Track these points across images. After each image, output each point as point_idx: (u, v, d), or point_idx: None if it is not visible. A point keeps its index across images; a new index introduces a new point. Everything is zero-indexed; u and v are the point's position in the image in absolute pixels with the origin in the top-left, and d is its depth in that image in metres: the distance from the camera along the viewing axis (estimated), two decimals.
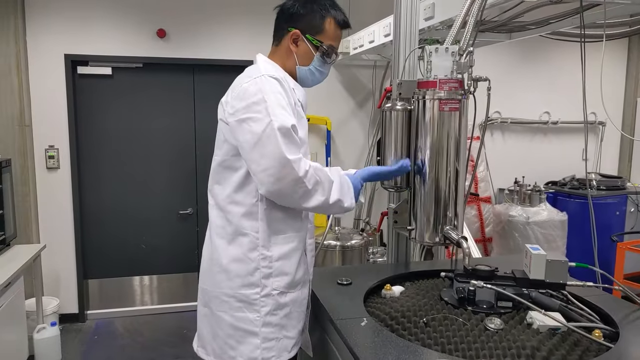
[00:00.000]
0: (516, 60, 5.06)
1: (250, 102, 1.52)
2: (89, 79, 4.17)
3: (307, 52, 1.71)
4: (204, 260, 1.74)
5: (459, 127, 2.05)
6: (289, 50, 1.71)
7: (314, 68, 1.74)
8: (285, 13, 1.71)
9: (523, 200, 4.56)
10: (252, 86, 1.54)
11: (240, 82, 1.60)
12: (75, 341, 3.95)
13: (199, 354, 1.75)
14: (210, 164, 1.73)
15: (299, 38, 1.69)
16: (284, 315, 1.64)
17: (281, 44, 1.73)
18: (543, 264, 1.60)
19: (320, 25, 1.69)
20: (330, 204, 1.58)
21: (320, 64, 1.74)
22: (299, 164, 1.49)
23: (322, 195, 1.55)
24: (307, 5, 1.69)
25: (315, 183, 1.53)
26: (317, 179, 1.54)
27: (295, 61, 1.71)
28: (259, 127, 1.49)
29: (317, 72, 1.75)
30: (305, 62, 1.72)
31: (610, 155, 5.50)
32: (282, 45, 1.72)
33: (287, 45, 1.71)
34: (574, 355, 1.38)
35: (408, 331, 1.52)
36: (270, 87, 1.54)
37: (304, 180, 1.50)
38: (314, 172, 1.54)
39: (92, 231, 4.31)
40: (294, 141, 1.51)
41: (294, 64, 1.72)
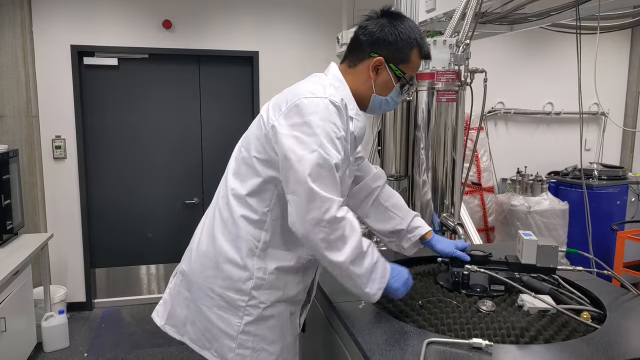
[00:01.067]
0: (520, 52, 5.07)
1: (303, 120, 1.42)
2: (95, 70, 4.23)
3: (387, 82, 1.59)
4: (194, 246, 1.67)
5: (456, 118, 2.11)
6: (366, 76, 1.58)
7: (390, 99, 1.63)
8: (371, 36, 1.56)
9: (525, 190, 4.60)
10: (312, 106, 1.43)
11: (301, 93, 1.47)
12: (83, 329, 4.04)
13: (167, 331, 1.70)
14: (216, 154, 1.68)
15: (381, 66, 1.56)
16: (267, 327, 1.57)
17: (358, 67, 1.59)
18: (534, 249, 1.65)
19: (406, 55, 1.57)
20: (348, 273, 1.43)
21: (397, 95, 1.63)
22: (329, 204, 1.38)
23: (340, 257, 1.40)
24: (396, 32, 1.54)
25: (339, 238, 1.40)
26: (342, 235, 1.40)
27: (372, 89, 1.59)
28: (302, 150, 1.40)
29: (392, 102, 1.64)
30: (383, 91, 1.60)
31: (613, 145, 5.52)
32: (359, 69, 1.59)
33: (365, 70, 1.58)
34: (561, 335, 1.44)
35: (404, 313, 1.59)
36: (328, 115, 1.43)
37: (328, 224, 1.38)
38: (346, 226, 1.41)
39: (99, 220, 4.39)
40: (332, 179, 1.41)
41: (369, 92, 1.59)
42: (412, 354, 1.29)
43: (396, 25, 1.55)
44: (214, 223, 1.62)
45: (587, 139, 5.39)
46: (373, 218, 1.87)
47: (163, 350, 3.69)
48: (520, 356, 1.30)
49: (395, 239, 1.87)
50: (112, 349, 3.71)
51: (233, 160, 1.64)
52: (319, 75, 1.60)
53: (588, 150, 5.42)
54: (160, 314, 1.74)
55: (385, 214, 1.84)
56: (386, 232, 1.86)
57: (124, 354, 3.63)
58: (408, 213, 1.85)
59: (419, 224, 1.84)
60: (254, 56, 4.41)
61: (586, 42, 2.48)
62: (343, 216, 1.41)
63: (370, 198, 1.86)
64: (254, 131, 1.57)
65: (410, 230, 1.82)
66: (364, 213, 1.88)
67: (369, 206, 1.86)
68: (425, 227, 1.83)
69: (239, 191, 1.55)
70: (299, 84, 1.55)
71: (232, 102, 4.51)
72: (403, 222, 1.83)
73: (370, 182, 1.85)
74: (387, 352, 1.31)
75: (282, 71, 4.44)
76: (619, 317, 1.53)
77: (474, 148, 2.57)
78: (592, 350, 1.33)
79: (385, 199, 1.86)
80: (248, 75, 4.50)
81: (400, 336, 1.40)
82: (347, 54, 1.63)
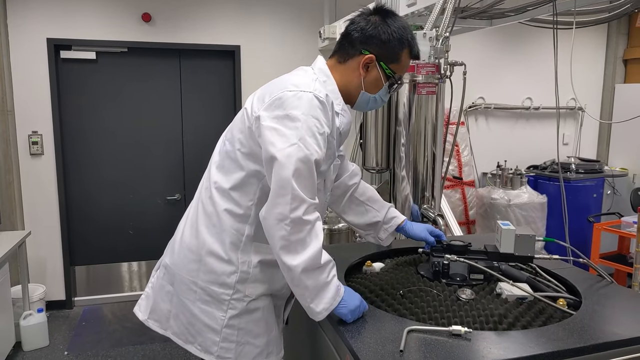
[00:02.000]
0: (500, 48, 5.14)
1: (285, 113, 1.40)
2: (73, 64, 4.16)
3: (376, 80, 1.58)
4: (178, 240, 1.66)
5: (436, 112, 2.13)
6: (356, 73, 1.57)
7: (379, 97, 1.63)
8: (363, 33, 1.54)
9: (505, 184, 4.67)
10: (295, 100, 1.41)
11: (285, 86, 1.46)
12: (63, 327, 3.98)
13: (149, 325, 1.69)
14: (197, 149, 1.68)
15: (372, 64, 1.56)
16: (252, 320, 1.56)
17: (348, 63, 1.58)
18: (512, 238, 1.68)
19: (397, 55, 1.56)
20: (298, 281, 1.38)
21: (385, 94, 1.63)
22: (298, 203, 1.36)
23: (294, 260, 1.36)
24: (389, 31, 1.53)
25: (299, 241, 1.36)
26: (303, 239, 1.37)
27: (361, 86, 1.58)
28: (282, 143, 1.38)
29: (379, 101, 1.64)
30: (371, 89, 1.60)
31: (590, 139, 5.63)
32: (349, 65, 1.58)
33: (355, 67, 1.56)
34: (538, 322, 1.47)
35: (385, 302, 1.60)
36: (311, 110, 1.41)
37: (291, 223, 1.35)
38: (309, 231, 1.37)
39: (78, 218, 4.33)
40: (310, 178, 1.39)
41: (358, 88, 1.59)
42: (393, 342, 1.31)
43: (389, 24, 1.54)
44: (197, 216, 1.61)
45: (565, 133, 5.49)
46: (350, 213, 1.91)
47: (145, 347, 3.66)
48: (498, 342, 1.33)
49: (372, 231, 1.92)
50: (93, 346, 3.67)
51: (217, 153, 1.63)
52: (305, 69, 1.59)
53: (566, 144, 5.52)
54: (142, 308, 1.73)
55: (361, 207, 1.89)
56: (363, 226, 1.91)
57: (106, 352, 3.59)
58: (383, 205, 1.90)
59: (394, 214, 1.90)
60: (236, 50, 4.39)
61: (563, 38, 2.52)
62: (309, 220, 1.38)
63: (345, 195, 1.89)
64: (237, 124, 1.56)
65: (386, 222, 1.88)
66: (341, 209, 1.92)
67: (344, 201, 1.90)
68: (400, 217, 1.89)
69: (223, 185, 1.54)
70: (285, 77, 1.54)
71: (213, 97, 4.48)
72: (379, 214, 1.88)
73: (347, 180, 1.88)
74: (368, 340, 1.33)
75: (264, 66, 4.42)
76: (593, 304, 1.57)
77: (453, 141, 2.60)
78: (567, 334, 1.36)
79: (360, 193, 1.90)
80: (230, 70, 4.47)
81: (382, 324, 1.42)
82: (337, 49, 1.61)
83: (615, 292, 1.70)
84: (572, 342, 1.33)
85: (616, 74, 5.45)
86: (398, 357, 1.24)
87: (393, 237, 1.93)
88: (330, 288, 1.41)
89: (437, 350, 1.27)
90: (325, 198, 1.67)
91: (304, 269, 1.37)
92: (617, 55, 5.43)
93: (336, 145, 1.58)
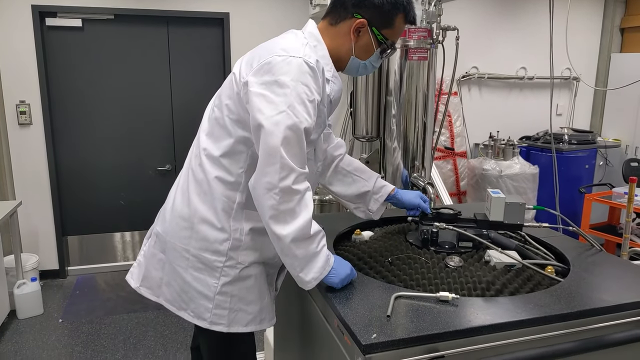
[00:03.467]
0: (494, 16, 5.05)
1: (274, 79, 1.37)
2: (59, 32, 4.05)
3: (367, 46, 1.53)
4: (169, 208, 1.64)
5: (428, 80, 2.10)
6: (347, 37, 1.51)
7: (369, 63, 1.57)
8: None
9: (497, 155, 4.66)
10: (284, 65, 1.37)
11: (274, 51, 1.41)
12: (57, 296, 4.00)
13: (142, 292, 1.69)
14: (187, 119, 1.63)
15: (364, 28, 1.50)
16: (246, 287, 1.55)
17: (339, 26, 1.52)
18: (502, 207, 1.68)
19: (391, 20, 1.50)
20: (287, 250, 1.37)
21: (377, 60, 1.58)
22: (287, 172, 1.34)
23: (283, 230, 1.35)
24: None
25: (288, 211, 1.35)
26: (292, 208, 1.35)
27: (352, 51, 1.53)
28: (270, 110, 1.35)
29: (370, 67, 1.59)
30: (362, 55, 1.54)
31: (584, 110, 5.61)
32: (340, 29, 1.52)
33: (346, 31, 1.51)
34: (525, 288, 1.48)
35: (374, 270, 1.61)
36: (301, 76, 1.37)
37: (280, 192, 1.33)
38: (299, 201, 1.36)
39: (70, 188, 4.29)
40: (299, 146, 1.37)
41: (349, 53, 1.53)
42: (380, 308, 1.32)
43: None
44: (188, 184, 1.59)
45: (559, 104, 5.46)
46: (337, 184, 1.86)
47: (139, 315, 3.69)
48: (485, 308, 1.34)
49: (362, 203, 1.86)
50: (87, 314, 3.70)
51: (206, 119, 1.60)
52: (296, 32, 1.54)
53: (560, 115, 5.50)
54: (134, 276, 1.73)
55: (349, 177, 1.84)
56: (352, 197, 1.86)
57: (100, 319, 3.62)
58: (371, 175, 1.85)
59: (383, 183, 1.85)
60: (225, 18, 4.29)
61: (559, 5, 2.48)
62: (299, 189, 1.36)
63: (330, 166, 1.86)
64: (226, 90, 1.53)
65: (376, 191, 1.83)
66: (327, 180, 1.88)
67: (330, 172, 1.86)
68: (390, 186, 1.85)
69: (213, 152, 1.52)
70: (274, 41, 1.50)
71: (203, 65, 4.40)
72: (367, 183, 1.83)
73: (332, 150, 1.85)
74: (356, 306, 1.33)
75: (254, 33, 4.33)
76: (581, 271, 1.58)
77: (444, 111, 2.57)
78: (554, 300, 1.38)
79: (346, 164, 1.86)
80: (219, 38, 4.38)
81: (370, 291, 1.42)
82: (329, 10, 1.55)
83: (604, 259, 1.71)
84: (559, 308, 1.34)
85: (613, 43, 5.39)
86: (385, 322, 1.25)
87: (384, 208, 1.87)
88: (320, 258, 1.41)
89: (424, 316, 1.28)
90: (316, 167, 1.65)
91: (294, 239, 1.36)
92: (614, 24, 5.36)
93: (327, 114, 1.55)
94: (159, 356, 3.17)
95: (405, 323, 1.25)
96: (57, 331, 3.46)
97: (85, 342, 3.32)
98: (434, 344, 1.22)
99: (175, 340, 3.35)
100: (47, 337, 3.38)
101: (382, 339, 1.17)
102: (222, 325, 1.54)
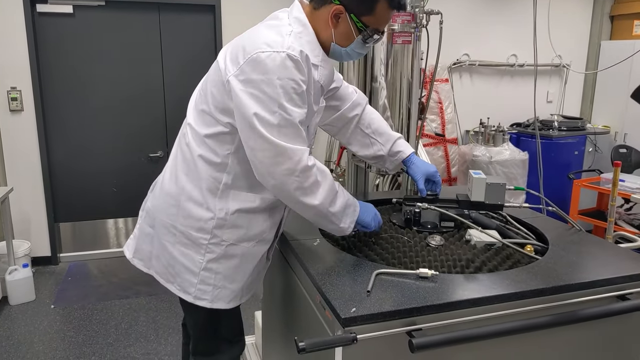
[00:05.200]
0: (486, 3, 5.05)
1: (260, 78, 1.37)
2: (50, 18, 4.03)
3: (347, 33, 1.49)
4: (159, 184, 1.68)
5: (412, 65, 2.11)
6: (327, 23, 1.48)
7: (351, 50, 1.54)
8: None
9: (487, 141, 4.70)
10: (269, 62, 1.37)
11: (258, 46, 1.40)
12: (49, 283, 4.02)
13: (135, 264, 1.74)
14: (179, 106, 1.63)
15: (342, 15, 1.46)
16: (231, 266, 1.58)
17: (320, 11, 1.48)
18: (483, 187, 1.71)
19: (370, 6, 1.45)
20: (325, 213, 1.49)
21: (360, 47, 1.53)
22: (300, 155, 1.41)
23: (315, 200, 1.45)
24: None
25: (313, 184, 1.45)
26: (315, 180, 1.45)
27: (332, 37, 1.50)
28: (262, 111, 1.37)
29: (355, 54, 1.57)
30: (342, 42, 1.51)
31: (574, 97, 5.64)
32: (321, 14, 1.48)
33: (326, 16, 1.47)
34: (504, 266, 1.52)
35: (357, 249, 1.64)
36: (286, 72, 1.37)
37: (301, 173, 1.41)
38: (317, 172, 1.45)
39: (61, 174, 4.30)
40: (297, 133, 1.42)
41: (329, 39, 1.50)
42: (361, 284, 1.35)
43: None
44: (176, 163, 1.62)
45: (549, 91, 5.49)
46: (355, 144, 1.89)
47: (131, 301, 3.72)
48: (464, 284, 1.37)
49: (379, 162, 1.90)
50: (79, 300, 3.72)
51: (193, 101, 1.62)
52: (280, 18, 1.51)
53: (550, 102, 5.53)
54: (130, 247, 1.78)
55: (366, 139, 1.86)
56: (369, 157, 1.89)
57: (92, 305, 3.65)
58: (389, 138, 1.85)
59: (400, 148, 1.85)
60: (216, 4, 4.27)
61: None
62: (313, 163, 1.45)
63: (349, 127, 1.85)
64: (212, 76, 1.54)
65: (392, 155, 1.85)
66: (346, 140, 1.90)
67: (349, 134, 1.87)
68: (407, 151, 1.84)
69: (199, 131, 1.53)
70: (257, 31, 1.48)
71: (194, 51, 4.39)
72: (383, 147, 1.84)
73: (347, 112, 1.83)
74: (337, 282, 1.36)
75: (245, 19, 4.28)
76: (560, 250, 1.62)
77: (428, 97, 2.58)
78: (531, 277, 1.41)
79: (365, 125, 1.85)
80: (210, 24, 4.37)
81: (352, 268, 1.45)
82: None
83: (583, 239, 1.75)
84: (535, 283, 1.38)
85: (602, 30, 5.42)
86: (365, 297, 1.28)
87: (400, 167, 1.90)
88: (350, 205, 1.56)
89: (404, 291, 1.32)
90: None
91: (329, 202, 1.48)
92: (604, 11, 5.38)
93: (315, 98, 1.53)
94: (150, 340, 3.21)
95: (385, 298, 1.28)
96: (49, 317, 3.49)
97: (77, 327, 3.35)
98: (412, 317, 1.25)
99: (167, 326, 3.38)
100: (39, 322, 3.40)
101: (361, 312, 1.21)
102: (206, 301, 1.58)
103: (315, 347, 1.15)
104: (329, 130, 1.90)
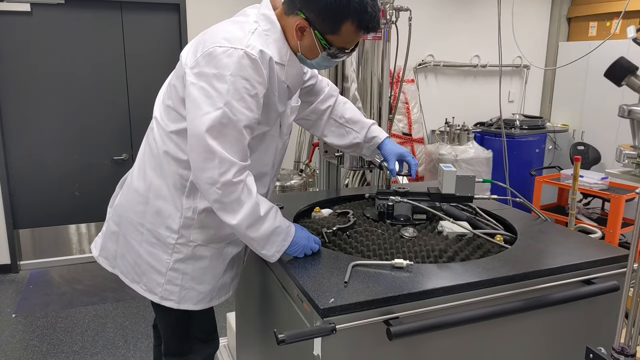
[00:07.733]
0: (449, 5, 5.17)
1: (212, 72, 1.33)
2: (6, 17, 3.88)
3: (311, 47, 1.44)
4: (127, 181, 1.65)
5: (382, 64, 2.14)
6: (293, 32, 1.43)
7: (317, 64, 1.51)
8: None
9: (452, 140, 4.80)
10: (225, 57, 1.32)
11: (217, 41, 1.36)
12: (9, 291, 3.87)
13: (100, 262, 1.70)
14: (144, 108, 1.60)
15: (306, 29, 1.41)
16: (199, 267, 1.55)
17: (289, 18, 1.43)
18: (453, 180, 1.75)
19: (335, 26, 1.39)
20: (243, 235, 1.42)
21: (325, 61, 1.49)
22: (227, 167, 1.33)
23: (234, 219, 1.36)
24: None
25: (234, 201, 1.36)
26: (237, 198, 1.36)
27: (298, 48, 1.45)
28: (207, 106, 1.33)
29: (321, 65, 1.55)
30: (308, 54, 1.47)
31: (534, 97, 5.83)
32: (289, 21, 1.43)
33: (292, 26, 1.42)
34: (476, 255, 1.56)
35: (332, 243, 1.64)
36: (241, 70, 1.32)
37: (222, 186, 1.34)
38: (242, 190, 1.36)
39: (21, 179, 4.14)
40: (237, 139, 1.35)
41: (296, 49, 1.46)
42: (338, 276, 1.35)
43: None
44: (144, 159, 1.58)
45: (511, 91, 5.66)
46: (330, 135, 1.88)
47: (97, 307, 3.62)
48: (437, 272, 1.40)
49: (355, 150, 1.91)
50: (42, 308, 3.60)
51: (161, 97, 1.59)
52: (247, 15, 1.49)
53: (511, 102, 5.70)
54: (97, 245, 1.74)
55: (341, 129, 1.86)
56: (345, 146, 1.89)
57: (56, 313, 3.53)
58: (363, 125, 1.86)
59: (374, 134, 1.86)
60: (181, 3, 4.22)
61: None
62: (240, 180, 1.36)
63: (322, 119, 1.85)
64: (176, 71, 1.53)
65: (367, 141, 1.85)
66: (320, 132, 1.89)
67: (323, 125, 1.87)
68: (381, 137, 1.85)
69: (166, 129, 1.51)
70: (221, 26, 1.46)
71: (159, 51, 4.32)
72: (359, 135, 1.85)
73: (320, 104, 1.83)
74: (314, 275, 1.37)
75: (210, 19, 4.24)
76: (528, 239, 1.67)
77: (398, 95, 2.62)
78: (501, 264, 1.45)
79: (339, 115, 1.85)
80: (175, 24, 4.31)
81: (328, 262, 1.46)
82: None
83: (549, 228, 1.81)
84: (505, 270, 1.42)
85: (560, 31, 5.62)
86: (342, 288, 1.29)
87: (375, 153, 1.91)
88: (278, 232, 1.44)
89: (380, 281, 1.33)
90: (281, 142, 1.64)
91: (247, 225, 1.39)
92: (561, 14, 5.59)
93: (280, 99, 1.50)
94: (119, 347, 3.13)
95: (362, 288, 1.29)
96: (11, 326, 3.35)
97: (40, 336, 3.24)
98: (389, 306, 1.26)
99: (136, 331, 3.30)
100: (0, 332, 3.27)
101: (339, 303, 1.21)
102: (172, 302, 1.55)
103: (294, 339, 1.15)
104: (303, 124, 1.90)
